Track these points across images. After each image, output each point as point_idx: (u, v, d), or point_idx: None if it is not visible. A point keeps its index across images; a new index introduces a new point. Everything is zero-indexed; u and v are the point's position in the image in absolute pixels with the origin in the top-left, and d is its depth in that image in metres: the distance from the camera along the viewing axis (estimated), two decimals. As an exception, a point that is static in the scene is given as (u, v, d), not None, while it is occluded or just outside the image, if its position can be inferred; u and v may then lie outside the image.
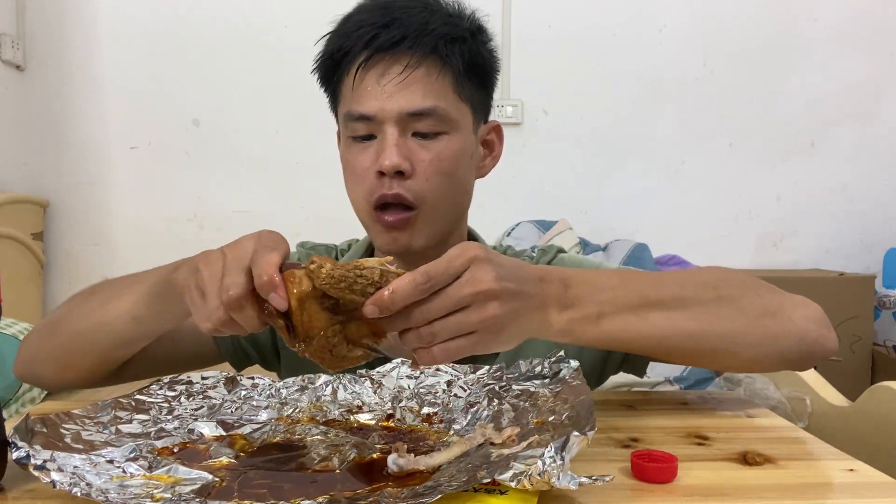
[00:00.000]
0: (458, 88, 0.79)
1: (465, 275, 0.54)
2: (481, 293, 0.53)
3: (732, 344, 0.65)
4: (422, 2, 0.79)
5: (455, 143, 0.78)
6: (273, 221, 2.61)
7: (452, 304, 0.53)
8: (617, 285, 0.63)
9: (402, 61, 0.76)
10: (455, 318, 0.53)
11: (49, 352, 0.76)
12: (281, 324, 0.54)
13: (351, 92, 0.78)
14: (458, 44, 0.78)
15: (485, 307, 0.54)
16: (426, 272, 0.52)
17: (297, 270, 0.54)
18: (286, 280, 0.53)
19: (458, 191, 0.81)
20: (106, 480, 0.50)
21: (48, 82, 2.42)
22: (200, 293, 0.57)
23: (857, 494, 0.50)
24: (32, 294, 2.35)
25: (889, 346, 2.32)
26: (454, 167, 0.78)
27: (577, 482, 0.43)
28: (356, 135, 0.78)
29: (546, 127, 2.52)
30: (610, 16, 2.49)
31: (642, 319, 0.62)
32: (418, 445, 0.60)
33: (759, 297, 0.68)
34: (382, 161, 0.75)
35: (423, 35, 0.76)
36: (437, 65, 0.77)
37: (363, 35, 0.76)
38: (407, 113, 0.75)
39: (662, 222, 2.53)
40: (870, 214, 2.55)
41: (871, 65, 2.52)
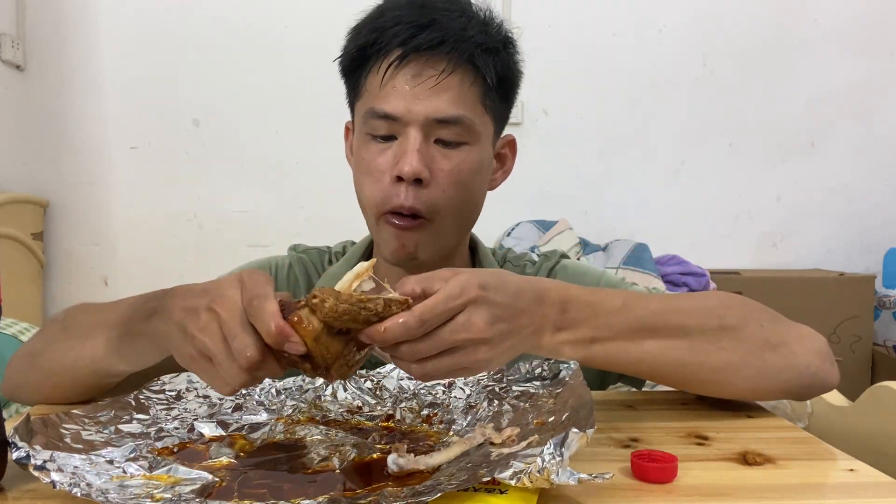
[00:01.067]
0: (486, 100, 0.78)
1: (460, 317, 0.54)
2: (472, 340, 0.54)
3: (728, 374, 0.65)
4: (459, 6, 0.77)
5: (475, 155, 0.77)
6: (273, 221, 2.61)
7: (444, 347, 0.54)
8: (618, 310, 0.63)
9: (438, 66, 0.74)
10: (446, 359, 0.54)
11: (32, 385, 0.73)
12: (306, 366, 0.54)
13: (378, 89, 0.76)
14: (493, 55, 0.77)
15: (476, 350, 0.55)
16: (421, 316, 0.52)
17: (302, 311, 0.52)
18: (295, 325, 0.51)
19: (472, 204, 0.80)
20: (106, 480, 0.50)
21: (48, 82, 2.42)
22: (207, 360, 0.53)
23: (857, 494, 0.50)
24: (32, 294, 2.35)
25: (889, 346, 2.32)
26: (471, 179, 0.77)
27: (577, 478, 0.43)
28: (376, 133, 0.77)
29: (546, 127, 2.52)
30: (610, 16, 2.49)
31: (636, 346, 0.63)
32: (418, 445, 0.60)
33: (761, 328, 0.67)
34: (402, 166, 0.73)
35: (462, 41, 0.74)
36: (471, 73, 0.76)
37: (400, 32, 0.74)
38: (434, 119, 0.74)
39: (662, 222, 2.53)
40: (870, 214, 2.55)
41: (871, 65, 2.52)
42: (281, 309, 0.52)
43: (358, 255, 0.89)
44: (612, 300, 0.64)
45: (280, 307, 0.52)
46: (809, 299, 2.23)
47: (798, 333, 0.69)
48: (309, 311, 0.52)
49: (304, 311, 0.52)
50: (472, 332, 0.54)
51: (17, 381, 0.74)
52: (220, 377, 0.53)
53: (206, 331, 0.52)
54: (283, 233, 2.40)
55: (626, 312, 0.63)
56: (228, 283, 0.54)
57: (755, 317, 0.68)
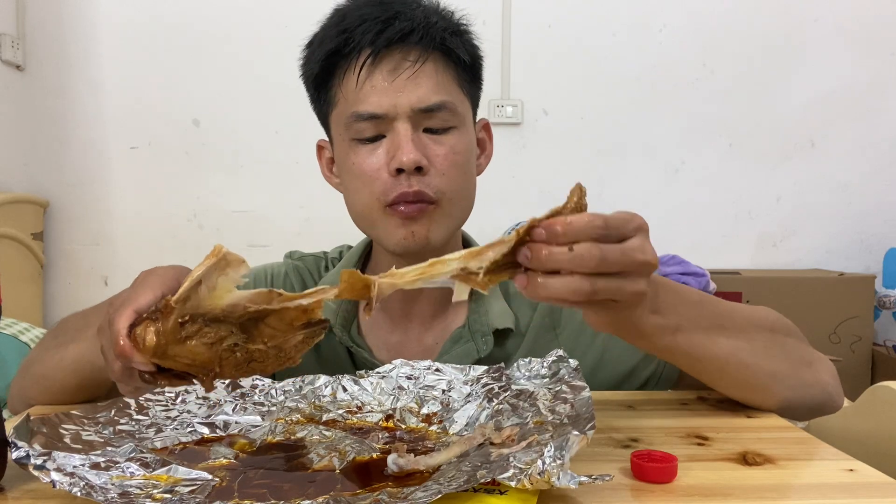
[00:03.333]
0: (461, 82, 0.78)
1: (634, 241, 0.50)
2: (645, 266, 0.50)
3: (776, 382, 0.68)
4: None
5: (464, 138, 0.78)
6: (273, 221, 2.61)
7: (621, 264, 0.49)
8: (696, 303, 0.64)
9: (411, 56, 0.74)
10: (618, 282, 0.50)
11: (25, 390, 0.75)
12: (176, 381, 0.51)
13: (355, 92, 0.75)
14: (460, 37, 0.78)
15: (637, 281, 0.51)
16: (605, 218, 0.49)
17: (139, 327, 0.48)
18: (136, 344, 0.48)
19: (471, 185, 0.80)
20: (106, 480, 0.50)
21: (48, 82, 2.42)
22: None
23: (857, 494, 0.50)
24: (32, 294, 2.35)
25: (889, 346, 2.32)
26: (466, 161, 0.78)
27: (577, 481, 0.43)
28: (363, 136, 0.75)
29: (546, 127, 2.52)
30: (610, 16, 2.49)
31: (711, 341, 0.64)
32: (418, 445, 0.60)
33: (799, 345, 0.72)
34: (401, 157, 0.72)
35: (430, 28, 0.74)
36: (443, 58, 0.76)
37: (368, 30, 0.73)
38: (420, 108, 0.74)
39: (662, 222, 2.53)
40: (870, 214, 2.55)
41: (871, 65, 2.52)
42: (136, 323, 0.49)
43: (354, 260, 0.88)
44: (692, 293, 0.66)
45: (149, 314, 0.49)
46: (809, 299, 2.23)
47: (818, 356, 0.73)
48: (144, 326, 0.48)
49: (139, 328, 0.48)
50: (647, 256, 0.50)
51: (14, 392, 0.77)
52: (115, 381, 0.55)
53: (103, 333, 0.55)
54: (283, 233, 2.40)
55: (703, 307, 0.65)
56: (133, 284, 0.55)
57: (793, 332, 0.72)
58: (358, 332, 0.85)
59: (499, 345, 0.81)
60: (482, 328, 0.81)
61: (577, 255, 0.47)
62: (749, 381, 0.68)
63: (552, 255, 0.47)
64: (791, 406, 0.70)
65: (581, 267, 0.48)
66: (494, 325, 0.81)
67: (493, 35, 2.46)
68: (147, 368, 0.49)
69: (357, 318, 0.86)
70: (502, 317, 0.81)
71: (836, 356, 2.09)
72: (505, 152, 2.50)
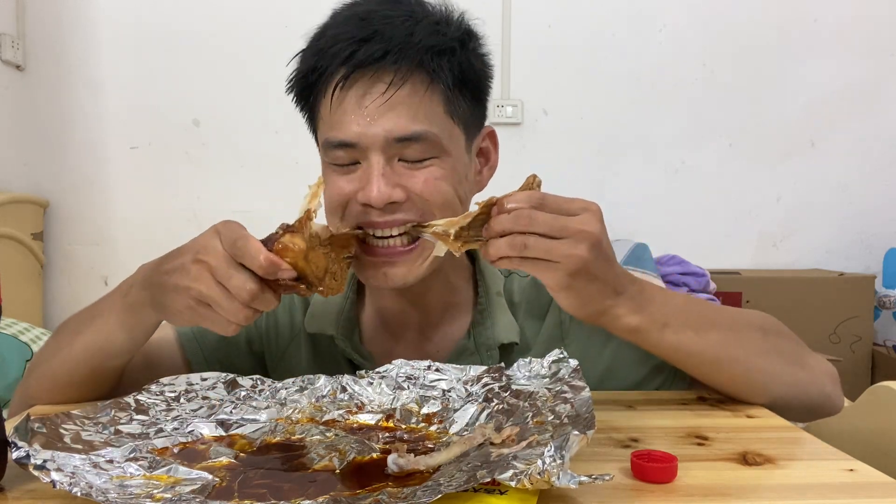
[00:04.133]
0: (450, 107, 0.72)
1: (579, 216, 0.59)
2: (583, 233, 0.58)
3: (769, 380, 0.70)
4: (406, 10, 0.71)
5: (447, 167, 0.72)
6: (273, 221, 2.59)
7: (551, 227, 0.58)
8: (683, 304, 0.68)
9: (385, 79, 0.68)
10: (548, 242, 0.58)
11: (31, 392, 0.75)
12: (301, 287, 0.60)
13: (329, 115, 0.71)
14: (447, 56, 0.71)
15: (577, 246, 0.58)
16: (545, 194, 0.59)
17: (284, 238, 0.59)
18: (281, 252, 0.58)
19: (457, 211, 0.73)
20: (106, 480, 0.50)
21: (48, 82, 2.42)
22: (207, 306, 0.59)
23: (857, 494, 0.50)
24: (32, 294, 2.35)
25: (889, 346, 2.32)
26: (448, 190, 0.72)
27: (577, 481, 0.43)
28: (338, 163, 0.72)
29: (546, 127, 2.52)
30: (610, 16, 2.49)
31: (701, 338, 0.67)
32: (418, 445, 0.60)
33: (794, 345, 0.73)
34: (368, 194, 0.68)
35: (408, 48, 0.68)
36: (425, 81, 0.70)
37: (340, 51, 0.69)
38: (393, 138, 0.68)
39: (662, 222, 2.53)
40: (870, 214, 2.55)
41: (871, 65, 2.52)
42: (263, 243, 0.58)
43: None
44: (678, 296, 0.70)
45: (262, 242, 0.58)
46: (809, 299, 2.23)
47: (816, 358, 0.74)
48: (290, 236, 0.58)
49: (286, 238, 0.58)
50: (585, 226, 0.58)
51: (16, 399, 0.77)
52: (222, 318, 0.58)
53: (200, 279, 0.58)
54: (283, 233, 2.39)
55: (691, 307, 0.69)
56: (206, 236, 0.60)
57: (785, 334, 0.74)
58: (360, 341, 0.84)
59: (504, 359, 0.79)
60: (487, 342, 0.80)
61: (513, 216, 0.58)
62: (742, 375, 0.70)
63: (498, 220, 0.59)
64: (786, 404, 0.70)
65: (516, 225, 0.58)
66: (500, 339, 0.80)
67: (493, 35, 2.45)
68: (293, 274, 0.58)
69: (359, 327, 0.85)
70: (508, 331, 0.80)
71: (836, 356, 2.09)
72: (505, 152, 2.48)
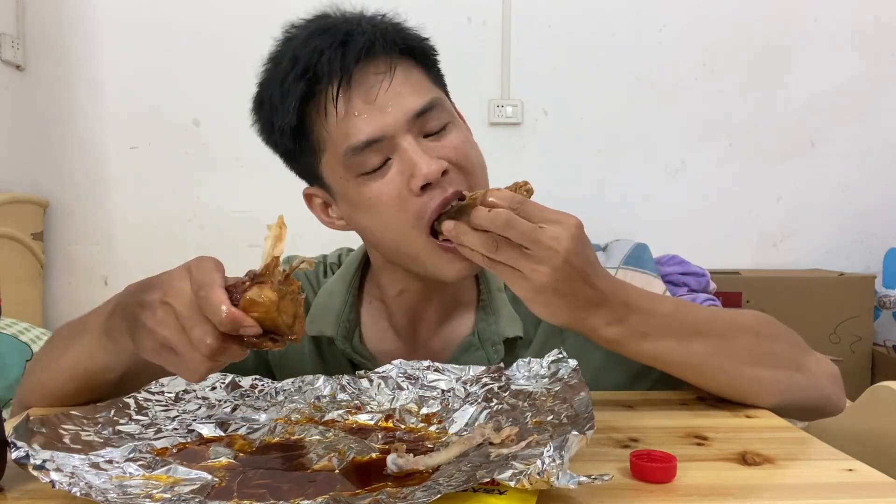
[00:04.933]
0: (431, 77, 0.76)
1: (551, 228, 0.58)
2: (551, 251, 0.57)
3: (761, 387, 0.69)
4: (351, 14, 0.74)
5: (462, 129, 0.75)
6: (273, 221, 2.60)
7: (523, 236, 0.57)
8: (670, 312, 0.67)
9: (381, 68, 0.70)
10: (517, 252, 0.58)
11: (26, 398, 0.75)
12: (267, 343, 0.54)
13: (340, 126, 0.69)
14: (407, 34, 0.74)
15: (542, 263, 0.58)
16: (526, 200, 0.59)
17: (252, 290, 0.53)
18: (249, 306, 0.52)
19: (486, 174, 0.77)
20: (105, 480, 0.50)
21: (48, 82, 2.42)
22: (172, 352, 0.54)
23: (857, 494, 0.50)
24: (32, 294, 2.35)
25: (889, 346, 2.32)
26: (474, 148, 0.75)
27: (577, 481, 0.43)
28: (370, 168, 0.69)
29: (546, 127, 2.52)
30: (610, 16, 2.49)
31: (684, 347, 0.66)
32: (417, 445, 0.60)
33: (789, 349, 0.72)
34: (422, 172, 0.66)
35: (384, 35, 0.70)
36: (408, 59, 0.73)
37: (332, 57, 0.68)
38: (413, 115, 0.69)
39: (662, 222, 2.53)
40: (870, 214, 2.55)
41: (871, 65, 2.52)
42: (230, 292, 0.53)
43: (354, 267, 0.86)
44: (667, 303, 0.68)
45: (229, 291, 0.53)
46: (809, 299, 2.23)
47: (816, 358, 0.73)
48: (258, 288, 0.53)
49: (253, 291, 0.53)
50: (550, 243, 0.57)
51: (17, 401, 0.77)
52: (185, 366, 0.54)
53: (164, 324, 0.54)
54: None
55: (678, 315, 0.67)
56: (177, 275, 0.55)
57: (784, 337, 0.72)
58: (360, 341, 0.84)
59: (509, 353, 0.80)
60: (492, 337, 0.80)
61: (491, 214, 0.58)
62: (730, 385, 0.70)
63: (476, 213, 0.59)
64: (783, 408, 0.70)
65: (492, 224, 0.57)
66: (504, 333, 0.80)
67: (493, 35, 2.46)
68: (257, 330, 0.53)
69: (359, 327, 0.84)
70: (511, 325, 0.81)
71: (836, 356, 2.09)
72: (505, 152, 2.50)
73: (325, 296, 0.85)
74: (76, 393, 0.71)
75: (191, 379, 0.55)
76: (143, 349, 0.57)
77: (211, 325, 0.52)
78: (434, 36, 0.78)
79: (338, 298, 0.84)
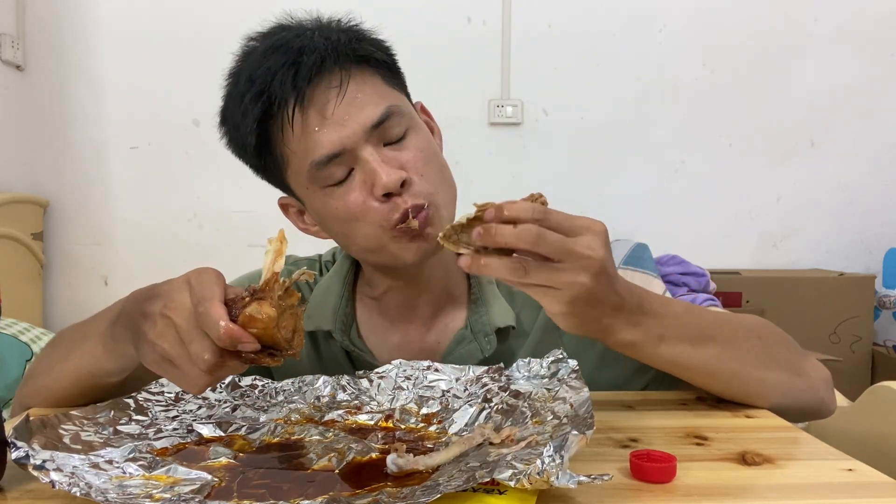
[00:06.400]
0: (389, 81, 0.76)
1: (583, 237, 0.55)
2: (588, 259, 0.54)
3: (767, 390, 0.70)
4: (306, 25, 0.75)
5: (421, 134, 0.76)
6: (273, 221, 2.60)
7: (556, 249, 0.53)
8: (681, 314, 0.66)
9: (334, 82, 0.71)
10: (550, 268, 0.54)
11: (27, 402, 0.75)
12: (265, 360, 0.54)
13: (300, 142, 0.71)
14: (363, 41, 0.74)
15: (580, 273, 0.54)
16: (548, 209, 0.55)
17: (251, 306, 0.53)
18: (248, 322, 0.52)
19: (448, 173, 0.79)
20: (105, 480, 0.50)
21: (48, 82, 2.42)
22: (172, 365, 0.55)
23: (857, 494, 0.50)
24: (32, 294, 2.35)
25: (889, 346, 2.32)
26: (434, 153, 0.76)
27: (576, 481, 0.43)
28: (335, 181, 0.72)
29: (546, 127, 2.52)
30: (610, 16, 2.49)
31: (698, 351, 0.66)
32: (417, 445, 0.60)
33: (789, 353, 0.72)
34: (382, 182, 0.69)
35: (336, 46, 0.71)
36: (362, 68, 0.73)
37: (283, 79, 0.69)
38: (370, 126, 0.71)
39: (662, 222, 2.53)
40: (870, 214, 2.55)
41: (871, 65, 2.52)
42: (230, 307, 0.53)
43: (347, 265, 0.87)
44: (677, 305, 0.67)
45: (228, 305, 0.53)
46: (809, 299, 2.23)
47: (812, 363, 0.74)
48: (257, 304, 0.53)
49: (252, 306, 0.53)
50: (590, 251, 0.54)
51: (16, 402, 0.77)
52: (185, 379, 0.55)
53: (164, 337, 0.54)
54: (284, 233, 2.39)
55: (690, 318, 0.67)
56: (177, 287, 0.55)
57: (783, 341, 0.73)
58: (357, 334, 0.84)
59: (502, 343, 0.81)
60: (484, 328, 0.81)
61: (518, 230, 0.52)
62: (739, 387, 0.70)
63: (500, 230, 0.53)
64: (782, 410, 0.71)
65: (521, 241, 0.52)
66: (496, 323, 0.81)
67: (493, 35, 2.46)
68: (256, 347, 0.52)
69: (356, 320, 0.85)
70: (503, 315, 0.82)
71: (836, 356, 2.09)
72: (505, 152, 2.50)
73: (321, 292, 0.86)
74: (80, 396, 0.72)
75: (191, 391, 0.56)
76: (144, 359, 0.58)
77: (209, 341, 0.52)
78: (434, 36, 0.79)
79: (334, 294, 0.85)
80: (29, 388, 0.75)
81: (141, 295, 0.60)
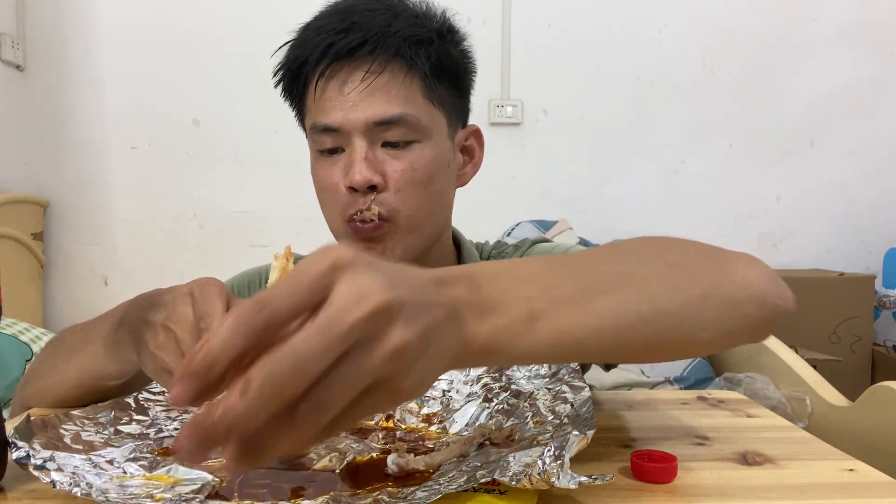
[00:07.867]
0: (429, 93, 0.75)
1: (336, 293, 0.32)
2: (374, 313, 0.32)
3: (692, 321, 0.49)
4: (385, 4, 0.75)
5: (428, 152, 0.75)
6: (273, 221, 2.61)
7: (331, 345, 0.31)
8: (542, 271, 0.45)
9: (363, 67, 0.72)
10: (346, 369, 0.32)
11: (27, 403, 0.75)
12: None
13: (314, 103, 0.76)
14: (425, 46, 0.74)
15: (386, 334, 0.32)
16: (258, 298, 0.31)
17: None
18: None
19: (435, 201, 0.77)
20: (106, 480, 0.50)
21: (48, 82, 2.42)
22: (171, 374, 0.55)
23: (857, 494, 0.50)
24: (32, 294, 2.35)
25: (889, 346, 2.32)
26: (429, 177, 0.75)
27: (577, 481, 0.43)
28: (323, 148, 0.76)
29: (546, 127, 2.52)
30: (610, 16, 2.49)
31: (586, 311, 0.43)
32: (418, 445, 0.60)
33: (708, 259, 0.54)
34: (352, 176, 0.72)
35: (385, 38, 0.72)
36: (403, 68, 0.73)
37: (321, 42, 0.73)
38: (373, 122, 0.72)
39: (662, 222, 2.53)
40: (870, 214, 2.56)
41: (871, 65, 2.52)
42: None
43: None
44: (530, 263, 0.46)
45: None
46: (809, 299, 2.23)
47: (745, 259, 0.56)
48: None
49: None
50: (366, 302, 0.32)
51: (16, 403, 0.77)
52: None
53: (165, 349, 0.54)
54: (283, 233, 2.40)
55: (554, 272, 0.45)
56: (180, 298, 0.55)
57: (696, 249, 0.55)
58: None
59: None
60: None
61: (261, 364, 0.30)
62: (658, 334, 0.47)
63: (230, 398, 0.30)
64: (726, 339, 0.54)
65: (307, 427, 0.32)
66: None
67: (493, 35, 2.46)
68: None
69: None
70: None
71: (836, 356, 2.09)
72: (505, 152, 2.50)
73: None
74: (82, 397, 0.72)
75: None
76: (145, 368, 0.58)
77: None
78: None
79: None
80: (30, 388, 0.75)
81: (144, 301, 0.60)
